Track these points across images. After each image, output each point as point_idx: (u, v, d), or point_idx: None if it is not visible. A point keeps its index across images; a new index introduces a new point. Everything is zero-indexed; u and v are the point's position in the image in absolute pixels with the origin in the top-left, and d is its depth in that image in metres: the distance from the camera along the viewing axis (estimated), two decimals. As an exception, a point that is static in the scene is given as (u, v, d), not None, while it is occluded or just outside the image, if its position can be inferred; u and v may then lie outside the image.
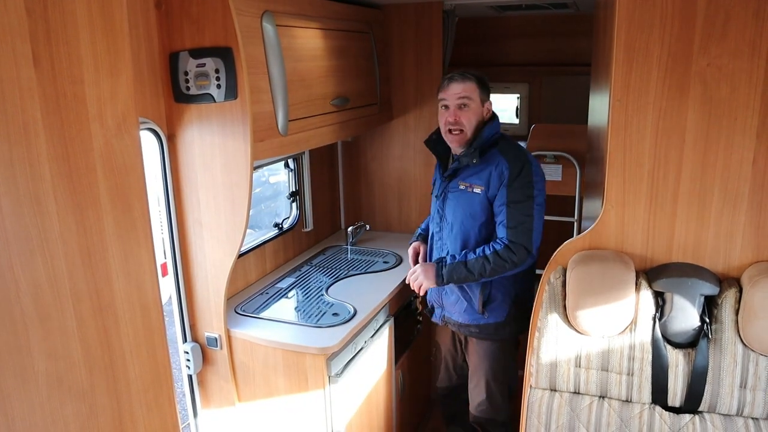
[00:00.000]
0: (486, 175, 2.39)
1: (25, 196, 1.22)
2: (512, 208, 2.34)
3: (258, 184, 2.98)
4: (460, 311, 2.58)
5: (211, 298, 2.41)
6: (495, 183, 2.37)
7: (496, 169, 2.37)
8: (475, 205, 2.44)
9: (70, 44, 1.29)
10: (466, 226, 2.48)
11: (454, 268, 2.39)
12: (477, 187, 2.42)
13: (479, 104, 2.43)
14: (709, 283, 1.95)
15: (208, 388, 2.56)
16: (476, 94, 2.42)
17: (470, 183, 2.44)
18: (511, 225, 2.33)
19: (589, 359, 2.05)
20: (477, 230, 2.47)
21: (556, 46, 4.31)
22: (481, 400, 2.69)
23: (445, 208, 2.54)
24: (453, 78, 2.42)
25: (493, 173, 2.38)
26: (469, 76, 2.42)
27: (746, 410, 1.92)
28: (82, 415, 1.40)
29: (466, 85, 2.40)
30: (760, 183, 1.91)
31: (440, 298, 2.65)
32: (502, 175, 2.36)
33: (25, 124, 1.21)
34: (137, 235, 1.51)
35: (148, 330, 1.57)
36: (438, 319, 2.72)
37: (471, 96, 2.40)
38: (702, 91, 1.88)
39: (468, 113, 2.41)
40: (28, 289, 1.24)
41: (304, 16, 2.50)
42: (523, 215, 2.33)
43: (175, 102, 2.21)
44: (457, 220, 2.49)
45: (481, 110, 2.44)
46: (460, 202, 2.48)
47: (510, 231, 2.33)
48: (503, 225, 2.35)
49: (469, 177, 2.45)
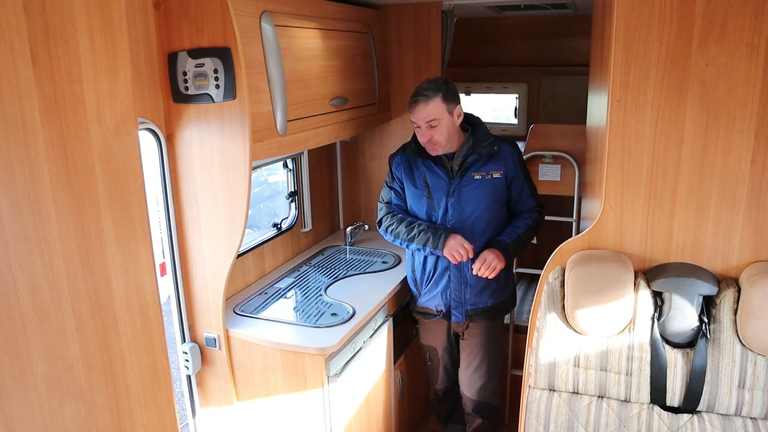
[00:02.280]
0: (502, 160, 2.59)
1: (23, 196, 1.22)
2: (528, 180, 2.68)
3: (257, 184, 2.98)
4: (487, 296, 2.68)
5: (210, 298, 2.41)
6: (511, 164, 2.60)
7: (507, 152, 2.61)
8: (498, 190, 2.60)
9: (69, 44, 1.29)
10: (494, 212, 2.62)
11: (516, 244, 2.59)
12: (496, 173, 2.59)
13: (449, 117, 2.50)
14: (708, 283, 1.96)
15: (206, 388, 2.56)
16: (443, 111, 2.47)
17: (488, 171, 2.58)
18: (534, 193, 2.69)
19: (588, 359, 2.05)
20: (501, 211, 2.65)
21: (555, 46, 4.31)
22: (482, 383, 2.77)
23: (462, 203, 2.58)
24: (417, 101, 2.47)
25: (507, 157, 2.60)
26: (431, 94, 2.46)
27: (745, 410, 1.93)
28: (80, 415, 1.39)
29: (431, 105, 2.46)
30: (759, 183, 1.91)
31: (462, 295, 2.66)
32: (513, 157, 2.62)
33: (23, 123, 1.21)
34: (136, 235, 1.51)
35: (146, 330, 1.57)
36: (461, 317, 2.69)
37: (437, 116, 2.47)
38: (700, 91, 1.89)
39: (439, 130, 2.49)
40: (26, 289, 1.24)
41: (302, 17, 2.50)
42: (531, 183, 2.69)
43: (174, 102, 2.21)
44: (485, 209, 2.60)
45: (452, 120, 2.52)
46: (482, 191, 2.58)
47: (535, 197, 2.69)
48: (529, 195, 2.66)
49: (483, 166, 2.57)
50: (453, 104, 2.50)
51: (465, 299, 2.67)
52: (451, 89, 2.51)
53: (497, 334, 2.80)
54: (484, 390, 2.77)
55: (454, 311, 2.70)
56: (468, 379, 2.79)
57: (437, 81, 2.51)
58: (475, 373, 2.77)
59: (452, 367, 2.92)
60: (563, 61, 4.26)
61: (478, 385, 2.77)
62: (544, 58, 4.35)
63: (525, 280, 3.95)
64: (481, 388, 2.77)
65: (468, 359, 2.78)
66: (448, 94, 2.48)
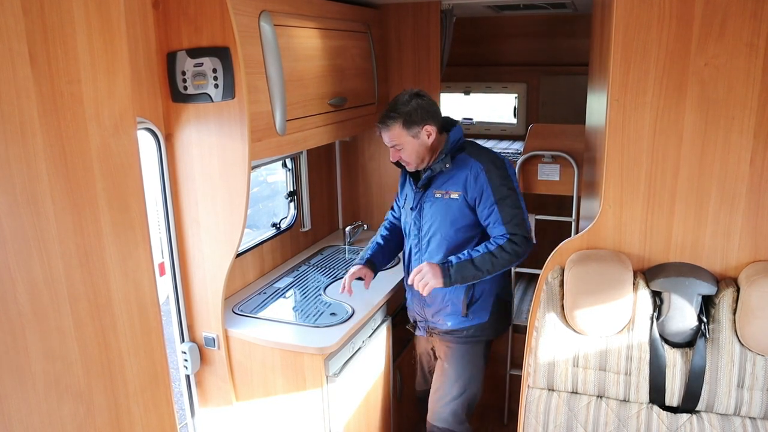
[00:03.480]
0: (462, 180, 2.40)
1: (21, 196, 1.22)
2: (502, 204, 2.35)
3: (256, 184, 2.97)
4: (444, 318, 2.54)
5: (209, 298, 2.41)
6: (473, 186, 2.38)
7: (471, 171, 2.38)
8: (454, 211, 2.43)
9: (67, 44, 1.29)
10: (447, 233, 2.46)
11: (462, 266, 2.34)
12: (454, 193, 2.42)
13: (412, 140, 2.39)
14: (707, 282, 1.96)
15: (205, 388, 2.56)
16: (403, 136, 2.38)
17: (446, 190, 2.43)
18: (507, 220, 2.35)
19: (587, 359, 2.05)
20: (456, 235, 2.45)
21: (554, 45, 4.31)
22: (441, 407, 2.60)
23: (422, 219, 2.52)
24: (378, 127, 2.42)
25: (469, 177, 2.38)
26: (390, 122, 2.37)
27: (743, 410, 1.93)
28: (79, 415, 1.39)
29: (390, 132, 2.39)
30: (757, 183, 1.91)
31: (422, 310, 2.61)
32: (478, 177, 2.37)
33: (21, 123, 1.20)
34: (135, 234, 1.51)
35: (145, 330, 1.57)
36: (423, 332, 2.67)
37: (398, 141, 2.39)
38: (699, 90, 1.89)
39: (405, 152, 2.42)
40: (25, 289, 1.24)
41: (301, 16, 2.49)
42: (513, 208, 2.36)
43: (173, 102, 2.21)
44: (438, 228, 2.47)
45: (418, 141, 2.40)
46: (439, 209, 2.46)
47: (508, 226, 2.34)
48: (499, 222, 2.36)
49: (443, 184, 2.44)
50: (417, 127, 2.37)
51: (425, 316, 2.62)
52: (418, 112, 2.36)
53: (467, 361, 2.57)
54: (440, 415, 2.59)
55: (419, 324, 2.68)
56: (430, 398, 2.67)
57: (401, 103, 2.38)
58: (435, 394, 2.64)
59: (429, 373, 2.86)
60: (562, 61, 4.26)
61: (435, 408, 2.62)
62: (544, 58, 4.35)
63: (524, 280, 3.95)
64: (438, 412, 2.60)
65: (434, 378, 2.67)
66: (411, 118, 2.36)
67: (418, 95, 2.41)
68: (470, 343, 2.57)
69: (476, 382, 2.62)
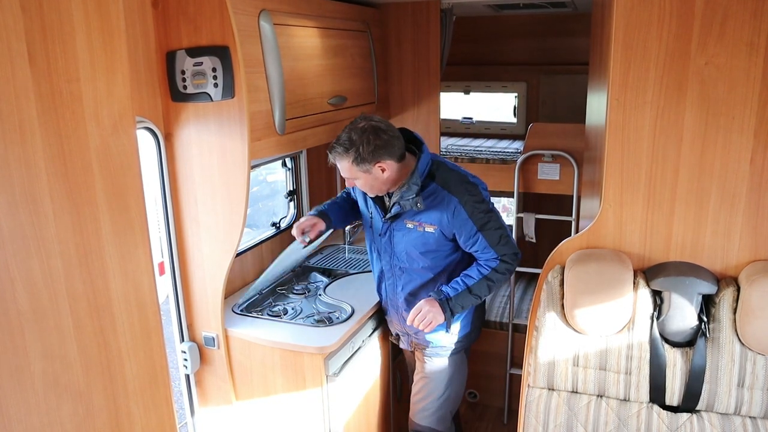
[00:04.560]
0: (438, 216, 2.28)
1: (20, 196, 1.22)
2: (486, 230, 2.27)
3: (255, 183, 2.97)
4: (426, 336, 2.47)
5: (209, 297, 2.41)
6: (451, 221, 2.27)
7: (447, 208, 2.26)
8: (429, 243, 2.34)
9: (66, 42, 1.29)
10: (425, 262, 2.38)
11: (461, 298, 2.28)
12: (429, 227, 2.31)
13: (365, 174, 2.22)
14: (707, 282, 1.96)
15: (205, 388, 2.55)
16: (354, 171, 2.21)
17: (420, 222, 2.32)
18: (494, 243, 2.28)
19: (587, 358, 2.05)
20: (435, 261, 2.38)
21: (554, 45, 4.31)
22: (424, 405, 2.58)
23: (394, 247, 2.42)
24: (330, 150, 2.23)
25: (446, 214, 2.27)
26: (340, 154, 2.19)
27: (744, 409, 1.93)
28: (78, 415, 1.39)
29: (341, 165, 2.24)
30: (758, 182, 1.91)
31: (403, 327, 2.56)
32: (456, 212, 2.26)
33: (20, 122, 1.20)
34: (134, 234, 1.51)
35: (145, 329, 1.57)
36: (407, 346, 2.64)
37: (350, 175, 2.25)
38: (700, 89, 1.88)
39: (360, 183, 2.28)
40: (24, 289, 1.24)
41: (301, 15, 2.49)
42: (495, 230, 2.28)
43: (172, 101, 2.21)
44: (414, 259, 2.39)
45: (371, 177, 2.22)
46: (412, 240, 2.36)
47: (496, 248, 2.28)
48: (487, 247, 2.28)
49: (416, 216, 2.31)
50: (368, 164, 2.17)
51: (407, 331, 2.58)
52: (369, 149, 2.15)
53: (452, 371, 2.55)
54: (424, 414, 2.57)
55: (402, 338, 2.65)
56: (412, 398, 2.65)
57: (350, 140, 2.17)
58: (416, 395, 2.62)
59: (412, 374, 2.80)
60: (562, 60, 4.26)
61: (417, 409, 2.60)
62: (544, 57, 4.35)
63: (524, 280, 3.95)
64: (420, 412, 2.58)
65: (415, 380, 2.64)
66: (360, 156, 2.16)
67: (372, 130, 2.17)
68: (453, 354, 2.54)
69: (460, 386, 2.61)
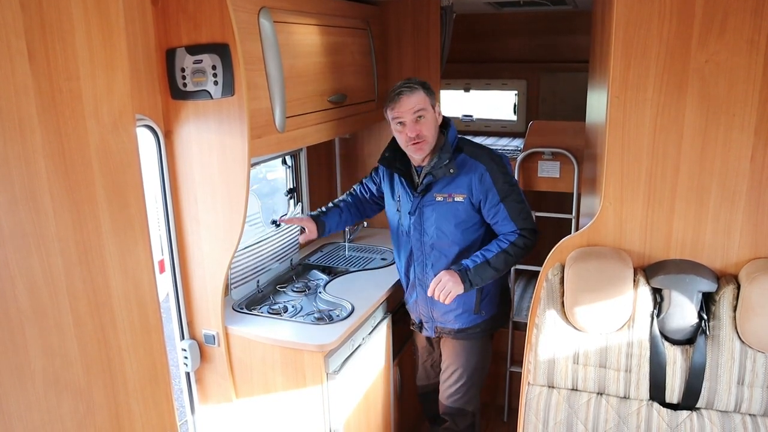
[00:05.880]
0: (467, 183, 2.40)
1: (20, 193, 1.22)
2: (508, 202, 2.39)
3: (255, 181, 2.97)
4: (454, 318, 2.57)
5: (209, 295, 2.41)
6: (478, 188, 2.39)
7: (475, 174, 2.39)
8: (460, 214, 2.44)
9: (66, 40, 1.28)
10: (455, 236, 2.46)
11: (480, 270, 2.36)
12: (458, 196, 2.42)
13: (433, 111, 2.41)
14: (707, 279, 1.96)
15: (205, 385, 2.56)
16: (428, 103, 2.39)
17: (449, 193, 2.42)
18: (514, 216, 2.39)
19: (587, 356, 2.05)
20: (464, 236, 2.47)
21: (555, 42, 4.31)
22: (454, 390, 2.70)
23: (424, 223, 2.50)
24: (401, 92, 2.35)
25: (474, 179, 2.39)
26: (416, 87, 2.37)
27: (744, 407, 1.93)
28: (79, 412, 1.39)
29: (417, 96, 2.36)
30: (758, 180, 1.91)
31: (429, 311, 2.62)
32: (483, 179, 2.38)
33: (20, 120, 1.20)
34: (134, 232, 1.51)
35: (145, 327, 1.57)
36: (431, 332, 2.69)
37: (425, 106, 2.37)
38: (700, 87, 1.88)
39: (427, 123, 2.38)
40: (24, 287, 1.24)
41: (301, 12, 2.49)
42: (517, 203, 2.40)
43: (172, 99, 2.20)
44: (445, 232, 2.47)
45: (435, 116, 2.42)
46: (443, 213, 2.45)
47: (517, 221, 2.39)
48: (507, 219, 2.39)
49: (445, 187, 2.43)
50: (434, 99, 2.43)
51: (433, 316, 2.63)
52: (431, 88, 2.43)
53: (476, 350, 2.66)
54: (456, 397, 2.70)
55: (425, 325, 2.70)
56: (443, 383, 2.76)
57: (415, 79, 2.43)
58: (448, 380, 2.72)
59: (431, 368, 2.90)
60: (563, 58, 4.26)
61: (449, 392, 2.72)
62: (544, 55, 4.34)
63: (524, 277, 3.95)
64: (453, 395, 2.70)
65: (444, 366, 2.74)
66: (430, 90, 2.41)
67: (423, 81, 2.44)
68: (479, 338, 2.64)
69: (484, 369, 2.73)
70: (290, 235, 3.10)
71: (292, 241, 3.12)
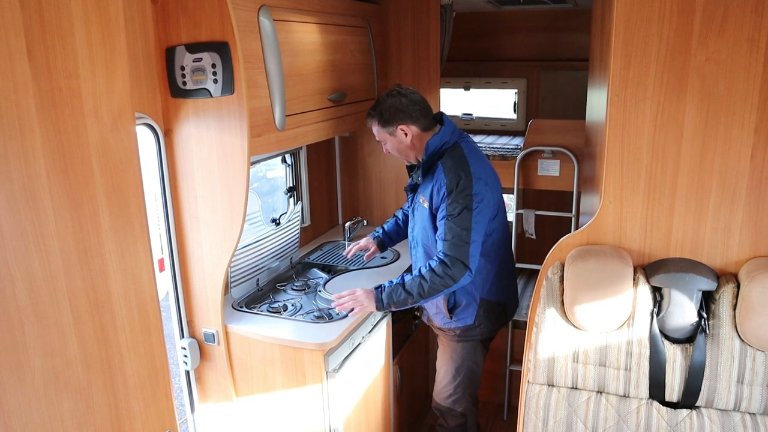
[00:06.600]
0: (429, 190, 2.42)
1: (20, 192, 1.22)
2: (450, 221, 2.29)
3: (255, 179, 2.97)
4: (434, 315, 2.64)
5: (209, 293, 2.41)
6: (436, 198, 2.38)
7: (436, 183, 2.38)
8: (425, 218, 2.47)
9: (65, 38, 1.28)
10: (424, 237, 2.53)
11: (392, 291, 2.38)
12: (425, 201, 2.46)
13: (392, 138, 2.47)
14: (707, 278, 1.96)
15: (205, 384, 2.56)
16: (382, 133, 2.48)
17: (424, 197, 2.47)
18: (448, 238, 2.29)
19: (587, 354, 2.05)
20: (430, 240, 2.49)
21: (555, 41, 4.30)
22: (441, 387, 2.74)
23: (414, 219, 2.61)
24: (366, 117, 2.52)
25: (434, 188, 2.38)
26: (369, 119, 2.49)
27: (743, 405, 1.93)
28: (79, 411, 1.39)
29: (374, 127, 2.51)
30: (758, 178, 1.91)
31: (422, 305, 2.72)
32: (440, 190, 2.35)
33: (19, 119, 1.20)
34: (134, 230, 1.51)
35: (145, 326, 1.57)
36: (425, 320, 2.80)
37: (379, 138, 2.52)
38: (700, 86, 1.88)
39: (389, 147, 2.52)
40: (23, 286, 1.24)
41: (301, 11, 2.48)
42: (460, 228, 2.28)
43: (172, 97, 2.20)
44: (419, 231, 2.56)
45: (396, 140, 2.47)
46: (417, 215, 2.55)
47: (446, 244, 2.29)
48: (441, 238, 2.32)
49: (422, 191, 2.50)
50: (392, 126, 2.42)
51: (424, 309, 2.75)
52: (391, 111, 2.40)
53: (458, 352, 2.64)
54: (444, 395, 2.73)
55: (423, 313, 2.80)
56: (436, 378, 2.79)
57: (379, 101, 2.45)
58: (436, 376, 2.78)
59: None
60: (563, 56, 4.26)
61: (437, 389, 2.77)
62: (544, 53, 4.34)
63: (524, 276, 3.95)
64: (440, 392, 2.74)
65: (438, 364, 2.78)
66: (383, 117, 2.43)
67: (397, 94, 2.43)
68: (460, 341, 2.62)
69: (471, 372, 2.69)
70: (290, 233, 3.10)
71: (292, 239, 3.12)
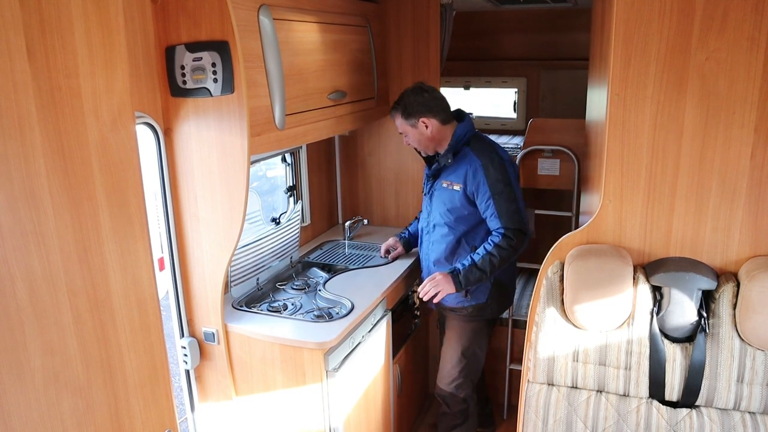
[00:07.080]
0: (463, 174, 2.61)
1: (20, 191, 1.21)
2: (497, 198, 2.54)
3: (255, 178, 2.97)
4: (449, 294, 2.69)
5: (209, 292, 2.41)
6: (471, 180, 2.59)
7: (470, 166, 2.59)
8: (455, 201, 2.65)
9: (65, 37, 1.28)
10: (449, 220, 2.68)
11: (468, 272, 2.55)
12: (456, 185, 2.64)
13: (413, 130, 2.66)
14: (707, 277, 1.96)
15: (205, 383, 2.56)
16: (405, 126, 2.67)
17: (451, 181, 2.66)
18: (502, 213, 2.53)
19: (587, 354, 2.05)
20: (457, 224, 2.68)
21: (555, 40, 4.30)
22: (446, 372, 2.85)
23: (432, 204, 2.77)
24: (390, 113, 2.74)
25: (469, 171, 2.59)
26: (395, 112, 2.69)
27: (743, 404, 1.93)
28: (78, 410, 1.39)
29: (397, 120, 2.70)
30: (758, 178, 1.91)
31: None
32: (476, 172, 2.57)
33: (19, 118, 1.20)
34: (134, 229, 1.51)
35: (144, 325, 1.57)
36: (433, 305, 2.82)
37: (401, 130, 2.71)
38: (700, 85, 1.88)
39: (410, 140, 2.72)
40: (23, 285, 1.23)
41: (300, 10, 2.48)
42: (507, 201, 2.54)
43: (172, 96, 2.20)
44: (441, 215, 2.70)
45: (417, 132, 2.66)
46: (443, 198, 2.70)
47: (503, 219, 2.53)
48: (495, 216, 2.55)
49: (449, 176, 2.67)
50: (414, 119, 2.63)
51: None
52: (414, 105, 2.62)
53: (467, 333, 2.81)
54: (447, 380, 2.85)
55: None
56: (440, 364, 2.91)
57: (403, 96, 2.66)
58: (441, 361, 2.89)
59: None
60: (563, 56, 4.26)
61: (442, 374, 2.87)
62: (544, 53, 4.34)
63: (524, 275, 3.95)
64: (444, 377, 2.85)
65: (443, 348, 2.91)
66: (407, 111, 2.63)
67: (420, 90, 2.64)
68: (470, 321, 2.78)
69: (475, 357, 2.85)
70: (290, 233, 3.10)
71: (292, 238, 3.12)
